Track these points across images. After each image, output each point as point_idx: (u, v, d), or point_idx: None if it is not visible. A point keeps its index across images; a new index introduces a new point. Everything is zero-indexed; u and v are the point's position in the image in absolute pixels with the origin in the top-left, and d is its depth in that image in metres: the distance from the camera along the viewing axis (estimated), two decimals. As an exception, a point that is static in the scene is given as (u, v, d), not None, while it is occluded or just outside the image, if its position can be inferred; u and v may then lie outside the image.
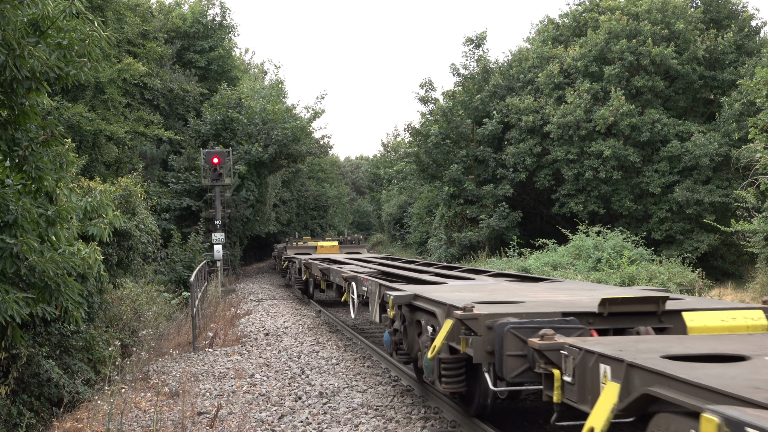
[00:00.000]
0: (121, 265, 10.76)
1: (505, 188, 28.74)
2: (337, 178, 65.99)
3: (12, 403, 7.34)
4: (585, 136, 26.90)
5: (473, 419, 6.80)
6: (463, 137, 30.14)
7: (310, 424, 7.29)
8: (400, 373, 9.60)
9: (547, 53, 29.92)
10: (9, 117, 5.68)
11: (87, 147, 18.31)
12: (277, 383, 9.43)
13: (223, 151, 24.75)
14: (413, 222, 40.28)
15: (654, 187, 26.09)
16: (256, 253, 50.31)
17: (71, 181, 6.77)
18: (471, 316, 5.39)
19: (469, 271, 11.68)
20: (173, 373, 10.30)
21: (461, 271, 11.72)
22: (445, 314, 5.88)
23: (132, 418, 7.71)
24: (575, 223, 24.80)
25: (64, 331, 8.67)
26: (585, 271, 19.38)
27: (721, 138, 25.30)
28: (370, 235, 66.66)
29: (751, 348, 4.05)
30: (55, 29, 5.70)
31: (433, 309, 6.25)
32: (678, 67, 26.55)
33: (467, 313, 5.41)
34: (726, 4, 29.18)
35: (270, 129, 29.38)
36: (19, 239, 5.79)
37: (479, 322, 5.33)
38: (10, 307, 5.60)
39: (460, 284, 8.69)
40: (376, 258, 18.14)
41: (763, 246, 16.89)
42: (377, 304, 8.60)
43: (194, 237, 23.02)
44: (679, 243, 25.79)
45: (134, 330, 11.42)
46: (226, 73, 32.87)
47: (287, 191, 44.80)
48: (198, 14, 30.94)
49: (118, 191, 11.60)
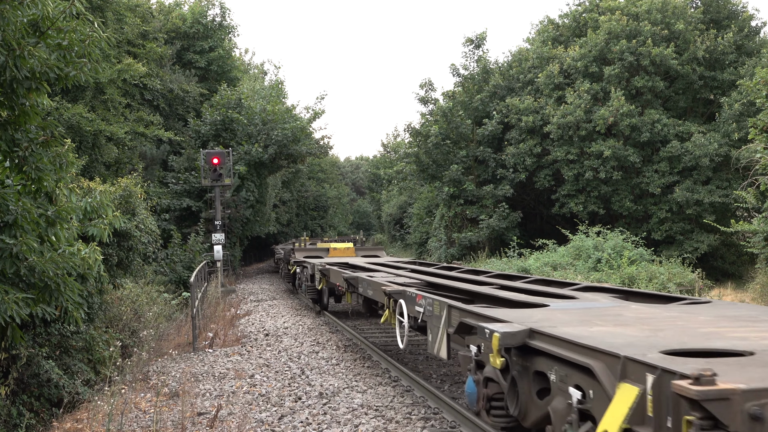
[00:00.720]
0: (121, 265, 10.75)
1: (505, 188, 28.75)
2: (337, 178, 66.03)
3: (12, 403, 7.33)
4: (585, 136, 26.90)
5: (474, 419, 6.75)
6: (463, 137, 30.14)
7: (310, 425, 7.29)
8: (401, 374, 9.60)
9: (547, 53, 29.93)
10: (9, 117, 5.68)
11: (87, 147, 18.31)
12: (277, 384, 9.43)
13: (223, 152, 24.76)
14: (413, 222, 40.29)
15: (654, 187, 26.09)
16: (256, 253, 50.34)
17: (71, 182, 6.77)
18: (712, 394, 2.85)
19: (540, 282, 8.92)
20: (173, 374, 10.30)
21: (527, 282, 8.94)
22: (619, 373, 3.51)
23: (132, 418, 7.71)
24: (575, 223, 24.81)
25: (64, 332, 8.67)
26: (585, 272, 19.39)
27: (720, 138, 25.31)
28: (369, 235, 66.68)
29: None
30: (55, 30, 5.70)
31: (584, 360, 3.85)
32: (678, 67, 26.55)
33: (705, 389, 2.84)
34: (726, 4, 29.19)
35: (270, 129, 29.38)
36: (19, 239, 5.79)
37: (733, 406, 2.84)
38: (10, 308, 5.60)
39: (575, 308, 5.99)
40: (404, 263, 15.26)
41: (763, 246, 16.87)
42: (443, 332, 6.34)
43: (194, 237, 23.02)
44: (679, 243, 25.80)
45: (134, 330, 11.42)
46: (226, 74, 32.86)
47: (287, 192, 44.80)
48: (198, 15, 30.94)
49: (118, 192, 11.61)
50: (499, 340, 4.63)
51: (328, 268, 13.36)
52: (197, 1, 31.84)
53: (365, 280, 10.01)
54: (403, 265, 14.21)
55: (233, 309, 18.64)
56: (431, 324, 6.69)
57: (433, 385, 8.90)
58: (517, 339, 4.61)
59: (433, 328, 6.62)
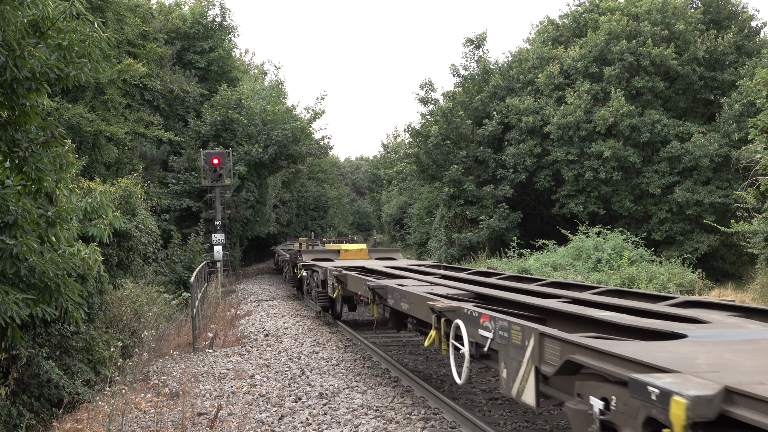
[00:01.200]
0: (121, 265, 10.76)
1: (505, 189, 28.75)
2: (337, 178, 66.02)
3: (12, 403, 7.33)
4: (585, 136, 26.91)
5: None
6: (463, 138, 30.15)
7: (310, 425, 7.29)
8: (401, 374, 9.60)
9: (547, 54, 29.94)
10: (9, 117, 5.68)
11: (87, 148, 18.31)
12: (277, 384, 9.43)
13: (223, 152, 24.77)
14: (413, 223, 40.30)
15: (654, 187, 26.10)
16: (256, 253, 50.35)
17: (71, 182, 6.77)
18: None
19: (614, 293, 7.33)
20: (173, 374, 10.30)
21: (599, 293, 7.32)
22: None
23: (132, 419, 7.71)
24: (575, 223, 24.81)
25: (64, 332, 8.67)
26: (585, 272, 19.40)
27: (721, 139, 25.31)
28: (369, 235, 66.68)
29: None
30: (56, 30, 5.70)
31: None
32: (678, 67, 26.56)
33: None
34: (726, 4, 29.20)
35: (270, 130, 29.40)
36: (19, 240, 5.79)
37: None
38: (10, 308, 5.60)
39: (730, 340, 4.40)
40: (428, 267, 13.50)
41: (763, 247, 16.88)
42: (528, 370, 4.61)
43: (194, 238, 23.03)
44: (679, 244, 25.80)
45: (134, 331, 11.42)
46: (226, 74, 32.87)
47: (287, 192, 44.81)
48: (198, 15, 30.95)
49: (118, 192, 11.61)
50: (687, 409, 2.81)
51: (345, 274, 11.56)
52: (197, 2, 31.85)
53: (398, 290, 8.21)
54: (428, 269, 12.52)
55: (233, 309, 18.64)
56: (506, 355, 5.02)
57: (433, 385, 8.86)
58: (713, 408, 2.86)
59: (510, 362, 4.94)
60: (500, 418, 7.48)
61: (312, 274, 16.04)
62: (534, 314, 6.25)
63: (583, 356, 3.93)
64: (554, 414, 7.48)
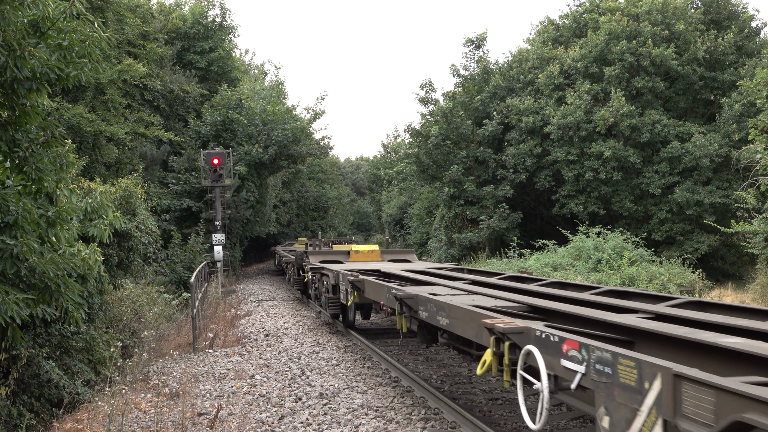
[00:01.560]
0: (122, 266, 10.76)
1: (506, 189, 28.76)
2: (338, 179, 66.03)
3: (12, 403, 7.33)
4: (585, 137, 26.92)
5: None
6: (463, 138, 30.16)
7: (310, 425, 7.29)
8: (401, 374, 9.60)
9: (548, 54, 29.96)
10: (9, 118, 5.68)
11: (87, 148, 18.32)
12: (277, 384, 9.43)
13: (223, 152, 24.78)
14: (413, 223, 40.31)
15: (654, 188, 26.10)
16: (256, 254, 50.38)
17: (71, 182, 6.77)
18: None
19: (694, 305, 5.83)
20: (173, 374, 10.30)
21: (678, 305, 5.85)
22: None
23: (132, 419, 7.71)
24: (575, 224, 24.82)
25: (64, 332, 8.67)
26: (585, 272, 19.39)
27: (721, 139, 25.32)
28: (369, 236, 66.66)
29: None
30: (56, 30, 5.70)
31: None
32: (678, 68, 26.57)
33: None
34: (726, 5, 29.21)
35: (270, 130, 29.41)
36: (19, 240, 5.80)
37: None
38: (11, 308, 5.60)
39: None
40: (450, 270, 12.08)
41: (764, 247, 16.88)
42: (652, 422, 3.33)
43: (194, 238, 23.04)
44: (680, 244, 25.81)
45: (134, 331, 11.42)
46: (227, 74, 32.89)
47: (287, 192, 44.82)
48: (198, 15, 30.96)
49: (118, 192, 11.62)
50: None
51: (362, 280, 10.15)
52: (197, 2, 31.86)
53: (433, 301, 6.81)
54: (452, 273, 11.14)
55: (233, 309, 18.64)
56: (608, 398, 3.71)
57: (433, 385, 8.86)
58: None
59: (616, 408, 3.64)
60: (500, 418, 7.47)
61: (321, 278, 14.59)
62: (616, 335, 4.90)
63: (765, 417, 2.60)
64: (554, 414, 7.47)
